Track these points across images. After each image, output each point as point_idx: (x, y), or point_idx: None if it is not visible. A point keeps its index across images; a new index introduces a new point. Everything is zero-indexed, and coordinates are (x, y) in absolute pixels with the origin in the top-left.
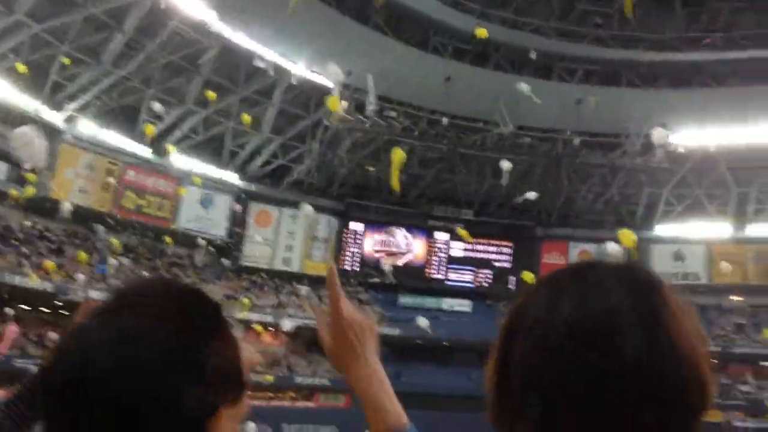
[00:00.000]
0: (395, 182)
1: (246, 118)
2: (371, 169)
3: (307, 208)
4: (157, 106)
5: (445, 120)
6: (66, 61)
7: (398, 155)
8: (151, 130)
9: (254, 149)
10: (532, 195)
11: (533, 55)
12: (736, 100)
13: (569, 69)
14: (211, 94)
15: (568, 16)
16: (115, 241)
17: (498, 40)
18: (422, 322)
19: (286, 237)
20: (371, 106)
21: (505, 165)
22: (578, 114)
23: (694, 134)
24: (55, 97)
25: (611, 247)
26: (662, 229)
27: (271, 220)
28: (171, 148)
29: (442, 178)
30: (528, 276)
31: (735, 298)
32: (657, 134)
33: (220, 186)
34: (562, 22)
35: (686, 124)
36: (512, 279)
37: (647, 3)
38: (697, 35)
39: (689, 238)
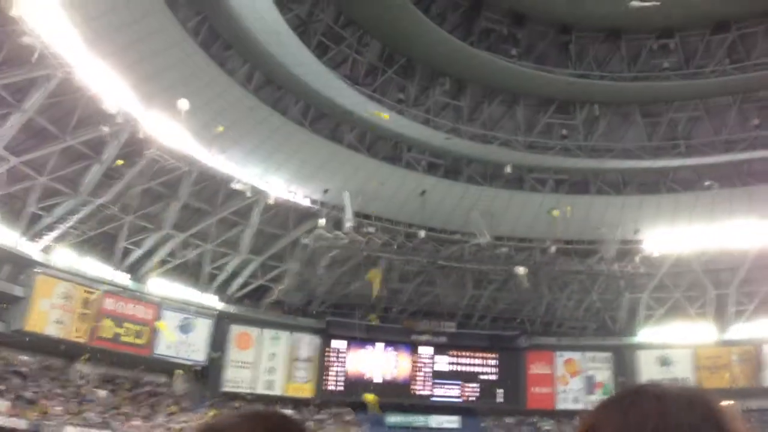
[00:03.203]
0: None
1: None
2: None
3: None
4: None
5: (422, 233)
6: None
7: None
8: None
9: (233, 271)
10: None
11: (509, 169)
12: (703, 204)
13: (540, 179)
14: None
15: (534, 128)
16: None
17: (469, 154)
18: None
19: (268, 359)
20: (349, 222)
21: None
22: (552, 222)
23: (667, 238)
24: (32, 228)
25: None
26: (645, 334)
27: (251, 341)
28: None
29: (422, 291)
30: None
31: (726, 402)
32: None
33: (200, 310)
34: (529, 134)
35: (657, 228)
36: (500, 392)
37: (610, 115)
38: (659, 144)
39: (673, 343)
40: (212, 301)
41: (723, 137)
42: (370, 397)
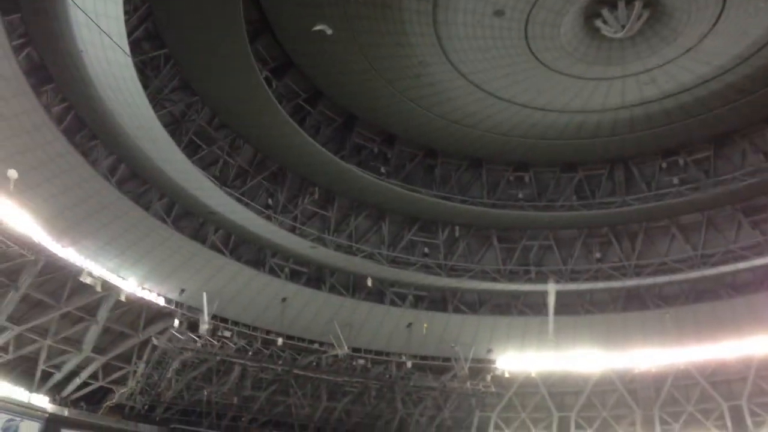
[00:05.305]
0: None
1: None
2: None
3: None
4: None
5: (280, 340)
6: None
7: None
8: None
9: (72, 370)
10: None
11: (369, 283)
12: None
13: (400, 294)
14: None
15: (398, 244)
16: None
17: (333, 264)
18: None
19: None
20: (205, 325)
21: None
22: (409, 337)
23: (517, 359)
24: None
25: None
26: None
27: None
28: None
29: (275, 400)
30: None
31: None
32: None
33: (28, 411)
34: (393, 249)
35: (509, 348)
36: None
37: (470, 237)
38: (513, 268)
39: None
40: (43, 402)
41: (569, 267)
42: None
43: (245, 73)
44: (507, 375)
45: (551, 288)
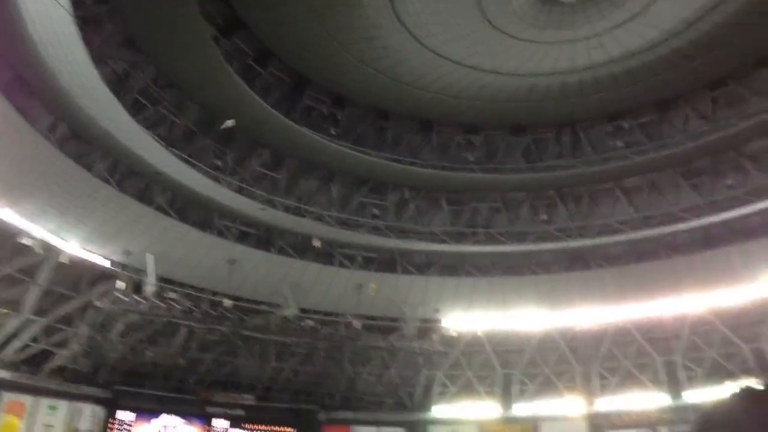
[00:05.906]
0: None
1: None
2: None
3: None
4: None
5: (227, 302)
6: None
7: None
8: None
9: (11, 332)
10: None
11: (317, 243)
12: (496, 289)
13: (349, 255)
14: None
15: (348, 205)
16: None
17: (282, 225)
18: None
19: (42, 431)
20: (151, 287)
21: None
22: (358, 298)
23: (464, 318)
24: None
25: None
26: (438, 410)
27: (24, 411)
28: None
29: (222, 361)
30: None
31: None
32: None
33: None
34: (342, 211)
35: (456, 308)
36: None
37: (419, 199)
38: (461, 230)
39: (462, 419)
40: None
41: (516, 229)
42: None
43: (192, 31)
44: (454, 334)
45: None
